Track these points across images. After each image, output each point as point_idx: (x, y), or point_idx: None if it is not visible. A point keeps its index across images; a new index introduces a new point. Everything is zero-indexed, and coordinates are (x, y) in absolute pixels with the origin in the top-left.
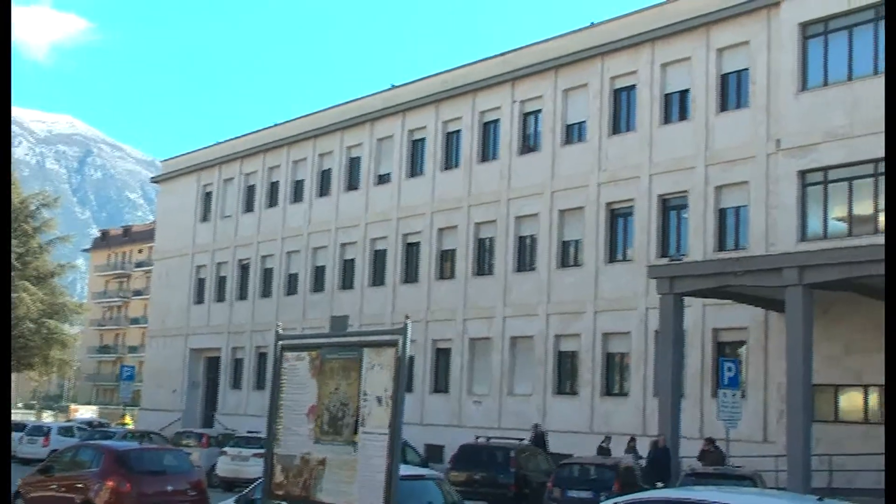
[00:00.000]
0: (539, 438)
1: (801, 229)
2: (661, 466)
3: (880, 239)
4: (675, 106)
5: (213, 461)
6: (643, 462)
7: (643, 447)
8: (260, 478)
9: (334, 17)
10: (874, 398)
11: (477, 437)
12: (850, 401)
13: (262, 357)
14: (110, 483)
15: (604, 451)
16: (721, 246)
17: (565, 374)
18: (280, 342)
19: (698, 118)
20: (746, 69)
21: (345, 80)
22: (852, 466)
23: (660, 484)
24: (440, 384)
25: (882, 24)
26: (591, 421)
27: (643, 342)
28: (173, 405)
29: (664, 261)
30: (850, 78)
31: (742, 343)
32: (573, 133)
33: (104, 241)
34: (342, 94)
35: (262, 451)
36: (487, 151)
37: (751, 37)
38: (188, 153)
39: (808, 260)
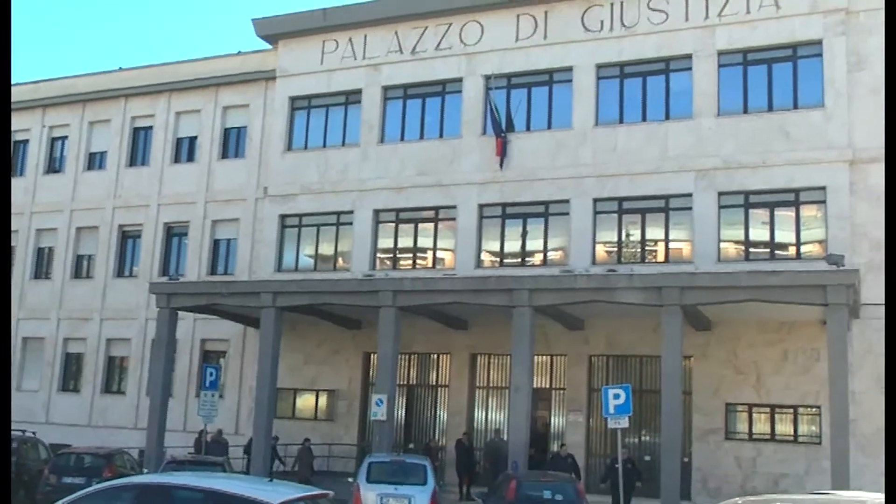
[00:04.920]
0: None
1: (278, 262)
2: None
3: (337, 275)
4: (185, 149)
5: None
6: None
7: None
8: None
9: None
10: (323, 399)
11: None
12: (305, 402)
13: None
14: None
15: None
16: (213, 270)
17: (70, 373)
18: None
19: (203, 162)
20: (245, 127)
21: None
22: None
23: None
24: None
25: (351, 106)
26: (90, 415)
27: (141, 348)
28: None
29: (164, 279)
30: (324, 145)
31: (224, 352)
32: (95, 161)
33: None
34: None
35: None
36: (15, 169)
37: (251, 101)
38: None
39: (282, 287)
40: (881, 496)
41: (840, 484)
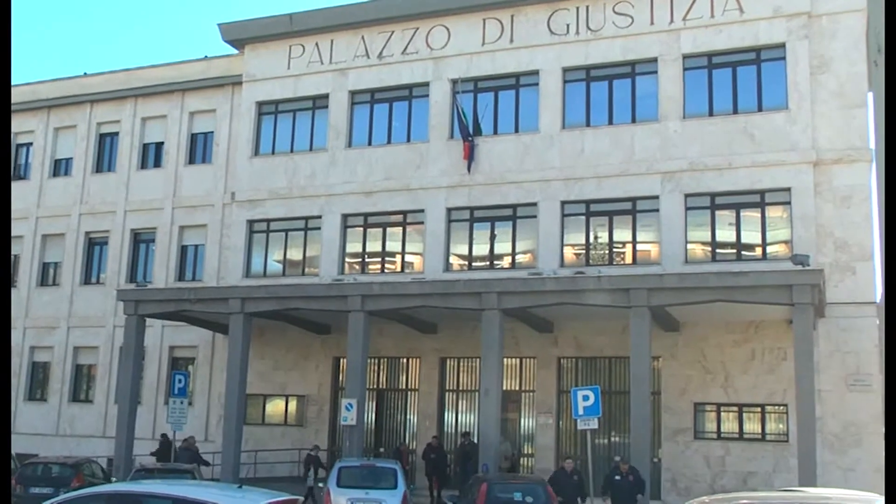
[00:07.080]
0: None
1: (247, 267)
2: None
3: (305, 280)
4: (151, 155)
5: None
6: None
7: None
8: None
9: None
10: (293, 405)
11: None
12: (275, 407)
13: None
14: None
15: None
16: (181, 276)
17: (37, 382)
18: None
19: (169, 168)
20: (212, 132)
21: None
22: (272, 460)
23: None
24: None
25: (319, 111)
26: (57, 424)
27: (109, 356)
28: None
29: (132, 286)
30: (291, 150)
31: (192, 359)
32: (60, 167)
33: None
34: None
35: None
36: None
37: (217, 106)
38: None
39: (250, 293)
40: (847, 492)
41: (807, 481)
